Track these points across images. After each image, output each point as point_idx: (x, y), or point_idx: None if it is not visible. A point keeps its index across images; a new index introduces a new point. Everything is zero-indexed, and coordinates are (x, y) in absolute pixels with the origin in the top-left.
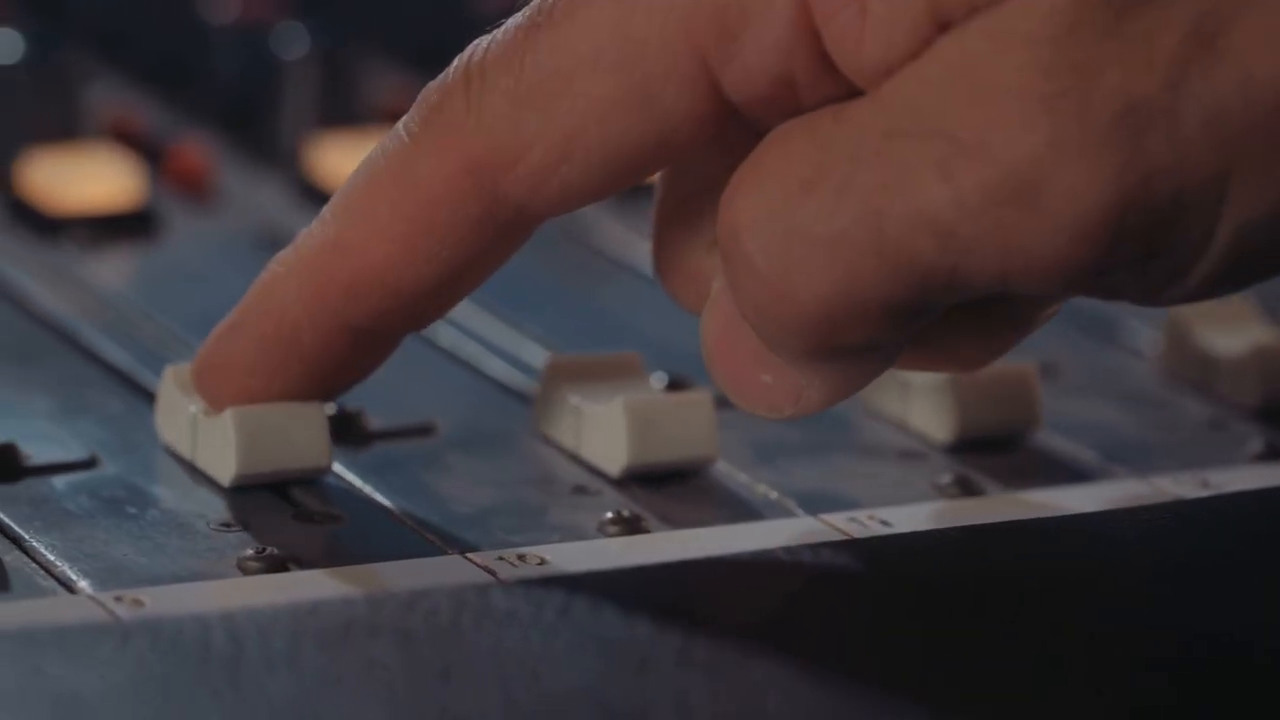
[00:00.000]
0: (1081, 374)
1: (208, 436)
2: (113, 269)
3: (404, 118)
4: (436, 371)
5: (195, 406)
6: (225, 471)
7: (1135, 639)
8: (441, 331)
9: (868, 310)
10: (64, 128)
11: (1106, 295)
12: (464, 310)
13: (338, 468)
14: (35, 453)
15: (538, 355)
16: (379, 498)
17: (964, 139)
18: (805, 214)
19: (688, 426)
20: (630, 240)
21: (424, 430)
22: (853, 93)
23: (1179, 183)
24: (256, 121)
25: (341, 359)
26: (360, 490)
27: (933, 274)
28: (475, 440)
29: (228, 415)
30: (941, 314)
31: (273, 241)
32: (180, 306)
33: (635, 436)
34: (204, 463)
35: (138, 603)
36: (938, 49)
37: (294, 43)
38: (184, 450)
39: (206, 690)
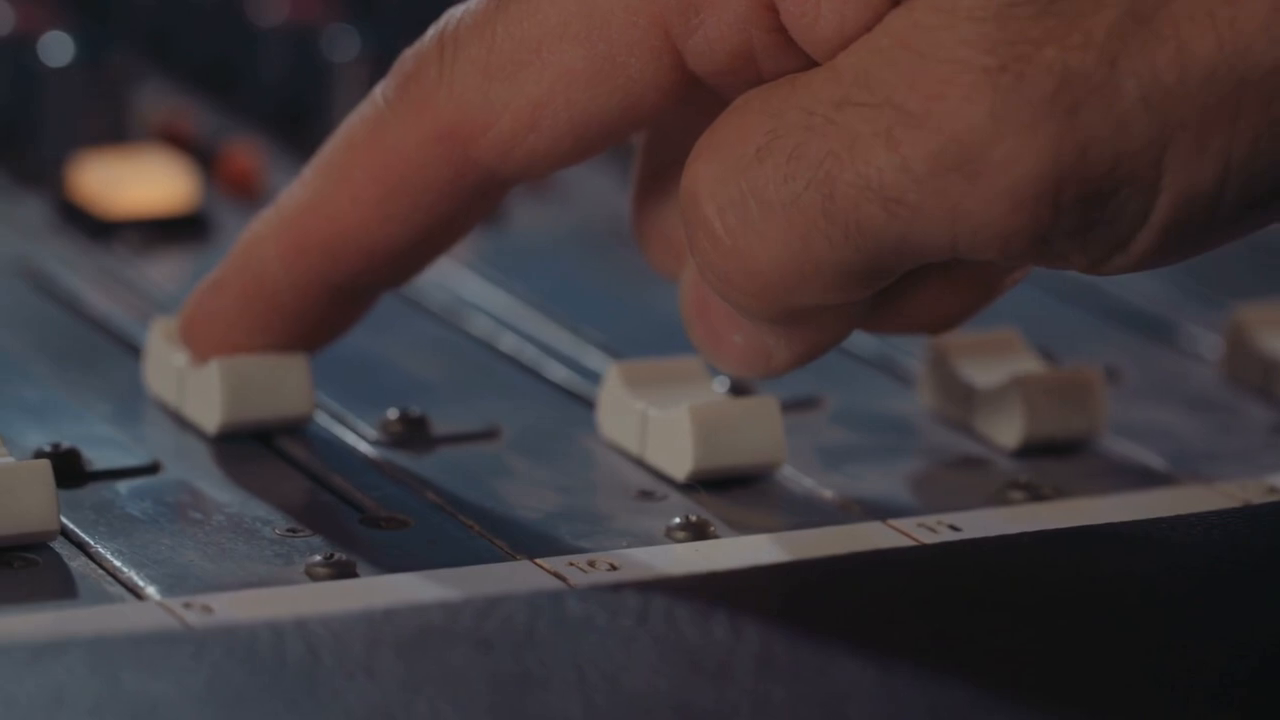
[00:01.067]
0: (1143, 379)
1: (194, 387)
2: (166, 272)
3: (380, 83)
4: (499, 377)
5: (182, 358)
6: (211, 420)
7: (1206, 645)
8: (503, 337)
9: (820, 273)
10: (114, 130)
11: (1051, 264)
12: (523, 315)
13: (402, 472)
14: (97, 458)
15: (596, 360)
16: (445, 503)
17: (910, 109)
18: (759, 180)
19: (754, 431)
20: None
21: (488, 435)
22: (810, 64)
23: (1116, 154)
24: (306, 123)
25: (320, 315)
26: (426, 495)
27: (882, 239)
28: (539, 445)
29: (213, 366)
30: (903, 278)
31: None
32: None
33: (702, 441)
34: (191, 412)
35: (207, 609)
36: (888, 21)
37: (343, 45)
38: (171, 400)
39: (284, 699)
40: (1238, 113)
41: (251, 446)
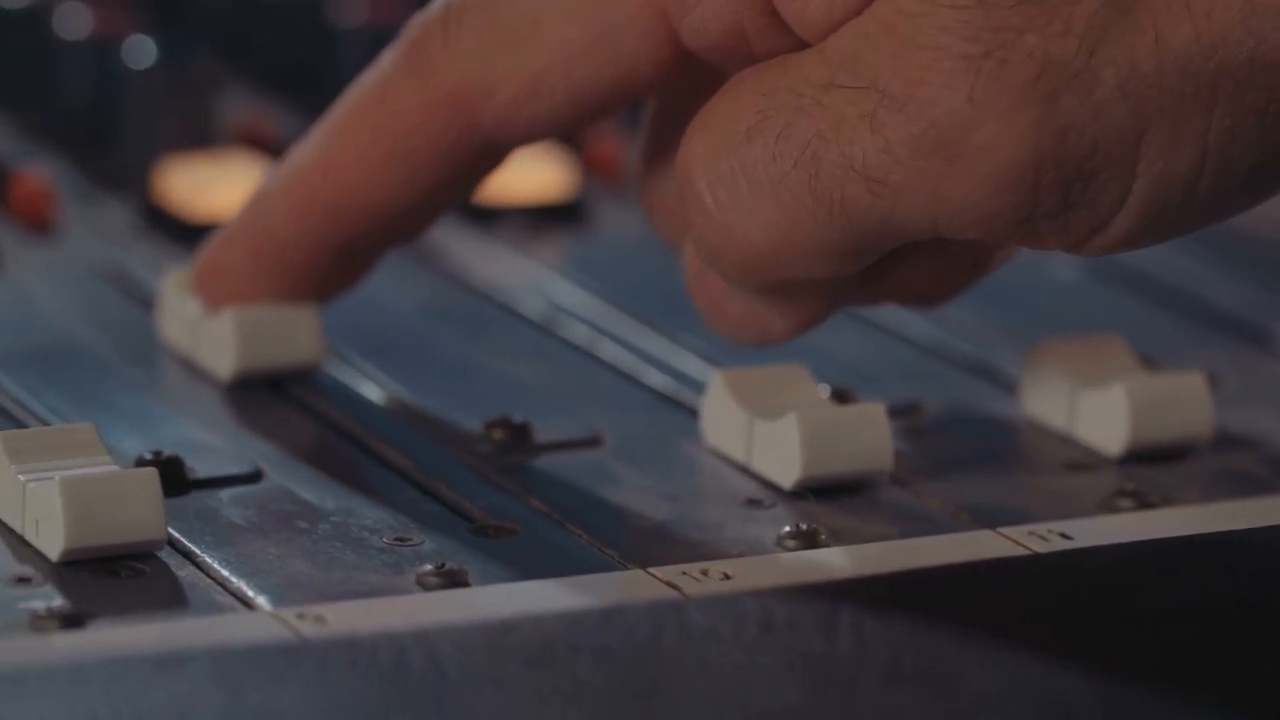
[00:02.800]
0: (1241, 384)
1: (208, 336)
2: None
3: (388, 49)
4: (596, 383)
5: (195, 308)
6: (224, 368)
7: None
8: (599, 343)
9: (807, 249)
10: (197, 134)
11: (1032, 244)
12: (617, 321)
13: (507, 480)
14: (199, 466)
15: (694, 366)
16: (552, 511)
17: (893, 92)
18: (749, 158)
19: (862, 438)
20: None
21: (591, 442)
22: (801, 45)
23: (1094, 140)
24: None
25: (326, 271)
26: (532, 503)
27: (867, 219)
28: (642, 453)
29: (226, 315)
30: (894, 252)
31: (414, 249)
32: (327, 311)
33: (809, 449)
34: (204, 359)
35: (320, 619)
36: (875, 7)
37: None
38: (184, 349)
39: (411, 712)
40: (1214, 101)
41: (354, 453)
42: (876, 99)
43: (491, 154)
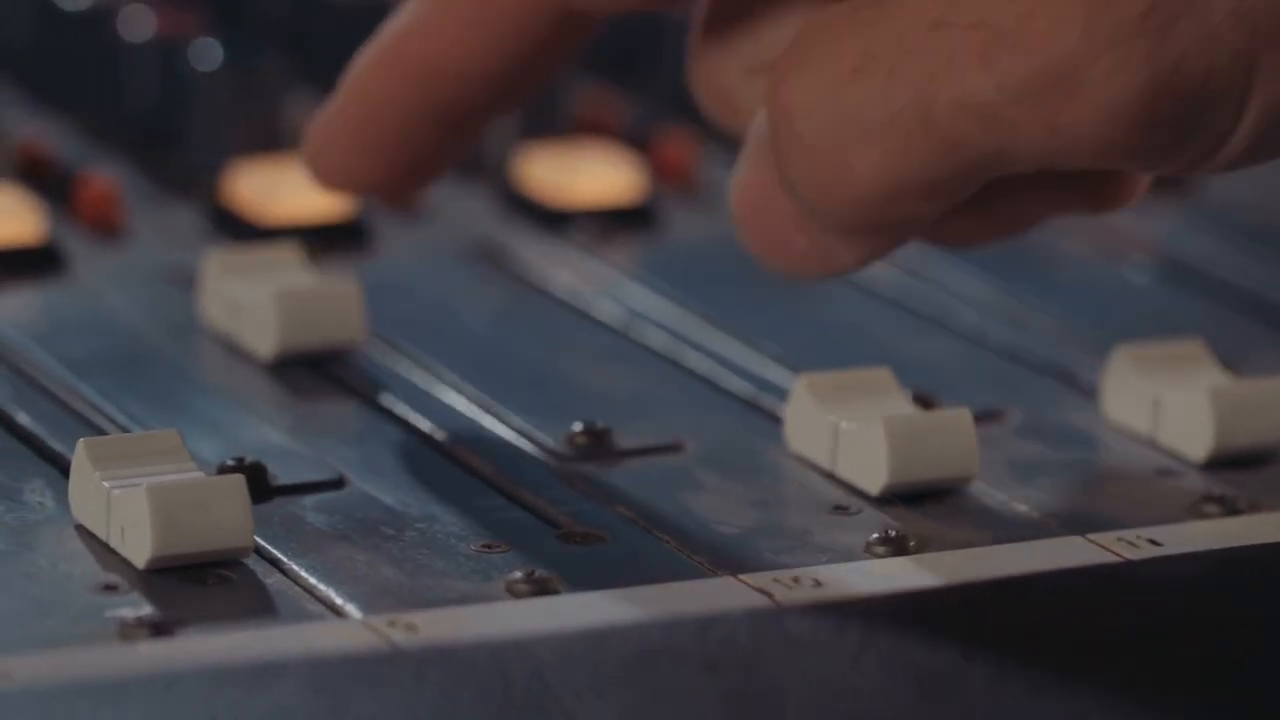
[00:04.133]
0: None
1: (249, 316)
2: None
3: None
4: (675, 388)
5: (236, 289)
6: (267, 346)
7: None
8: (676, 348)
9: (916, 189)
10: (265, 137)
11: (1144, 170)
12: (691, 325)
13: (591, 486)
14: (281, 472)
15: (773, 370)
16: (638, 517)
17: (1005, 29)
18: (855, 99)
19: (949, 444)
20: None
21: (673, 448)
22: None
23: (1208, 68)
24: None
25: (430, 142)
26: (617, 509)
27: (981, 155)
28: (725, 458)
29: (268, 295)
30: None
31: (485, 253)
32: (403, 317)
33: (897, 455)
34: (246, 339)
35: (411, 627)
36: None
37: None
38: (225, 329)
39: None
40: None
41: (435, 459)
42: (987, 36)
43: (580, 25)
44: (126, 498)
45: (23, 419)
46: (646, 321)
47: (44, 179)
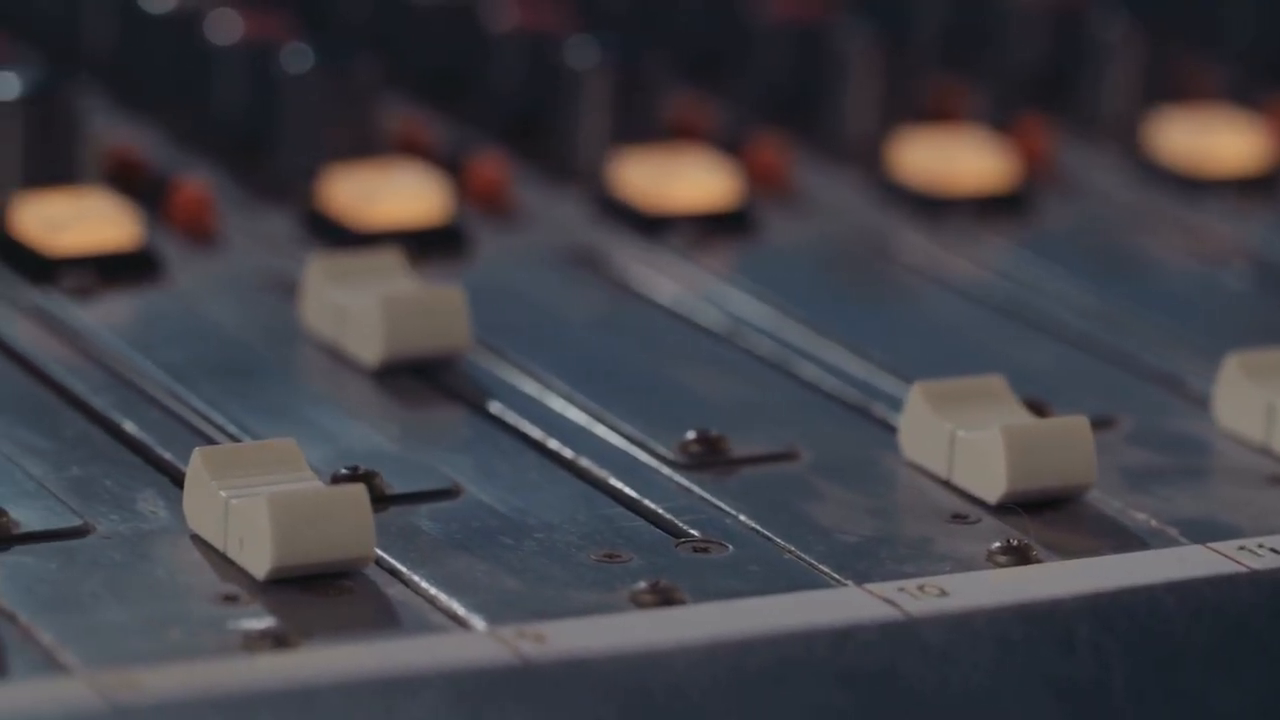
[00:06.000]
0: None
1: (354, 322)
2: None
3: None
4: (785, 396)
5: (340, 295)
6: (372, 353)
7: None
8: (783, 355)
9: None
10: (358, 141)
11: None
12: (798, 332)
13: (706, 493)
14: (395, 481)
15: (879, 377)
16: (758, 526)
17: None
18: None
19: (1066, 452)
20: (936, 255)
21: (788, 456)
22: None
23: None
24: (544, 135)
25: None
26: (738, 518)
27: None
28: (840, 466)
29: (374, 300)
30: None
31: (582, 258)
32: (504, 323)
33: (1016, 463)
34: (350, 346)
35: (539, 638)
36: None
37: (583, 55)
38: (328, 336)
39: None
40: None
41: (550, 469)
42: None
43: None
44: (245, 508)
45: (130, 427)
46: (749, 327)
47: (135, 184)
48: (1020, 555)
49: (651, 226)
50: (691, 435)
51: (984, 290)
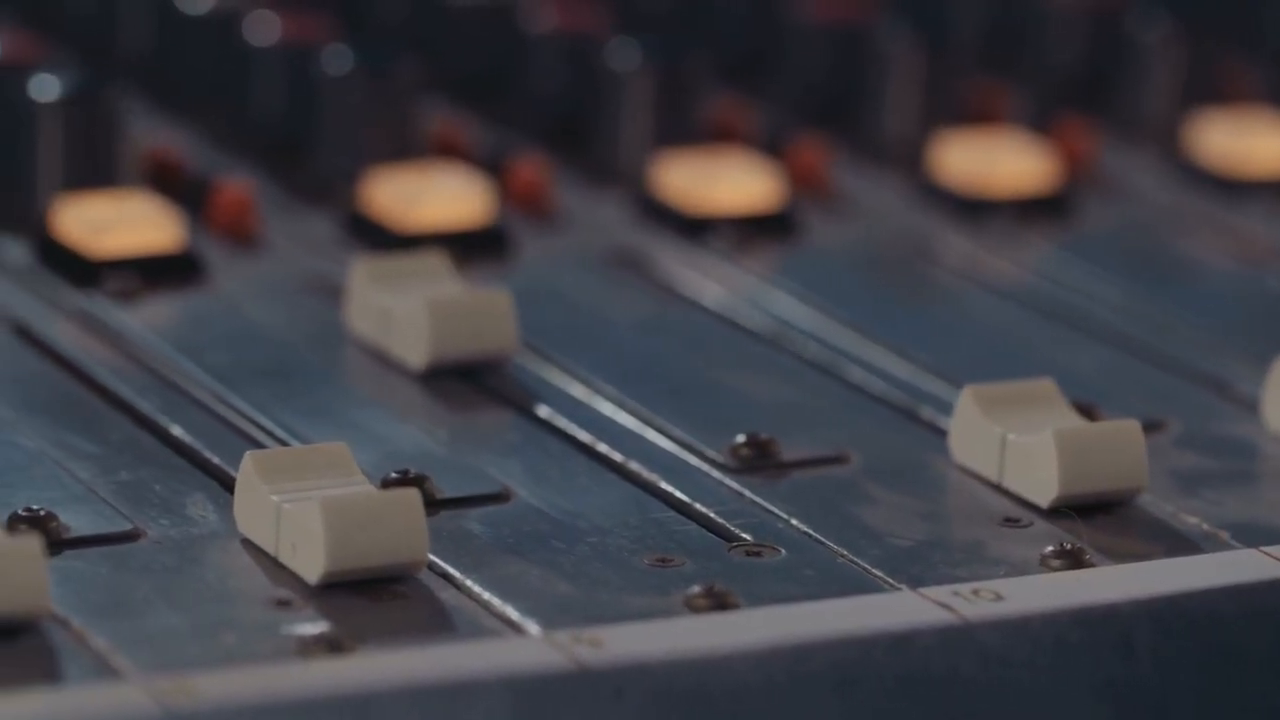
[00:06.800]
0: None
1: (400, 324)
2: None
3: None
4: (832, 399)
5: (385, 298)
6: (418, 357)
7: None
8: (830, 358)
9: None
10: (400, 143)
11: None
12: (843, 335)
13: (758, 497)
14: (446, 485)
15: (925, 380)
16: (810, 529)
17: None
18: None
19: (1119, 456)
20: (978, 257)
21: (838, 459)
22: None
23: None
24: (584, 137)
25: None
26: (790, 522)
27: None
28: (890, 470)
29: (420, 303)
30: None
31: (624, 260)
32: (548, 326)
33: (1068, 467)
34: (396, 349)
35: (596, 643)
36: None
37: (625, 56)
38: (373, 339)
39: None
40: None
41: (600, 472)
42: None
43: None
44: (298, 512)
45: (177, 431)
46: (793, 329)
47: (175, 186)
48: (1074, 559)
49: (693, 228)
50: (741, 438)
51: (1027, 292)
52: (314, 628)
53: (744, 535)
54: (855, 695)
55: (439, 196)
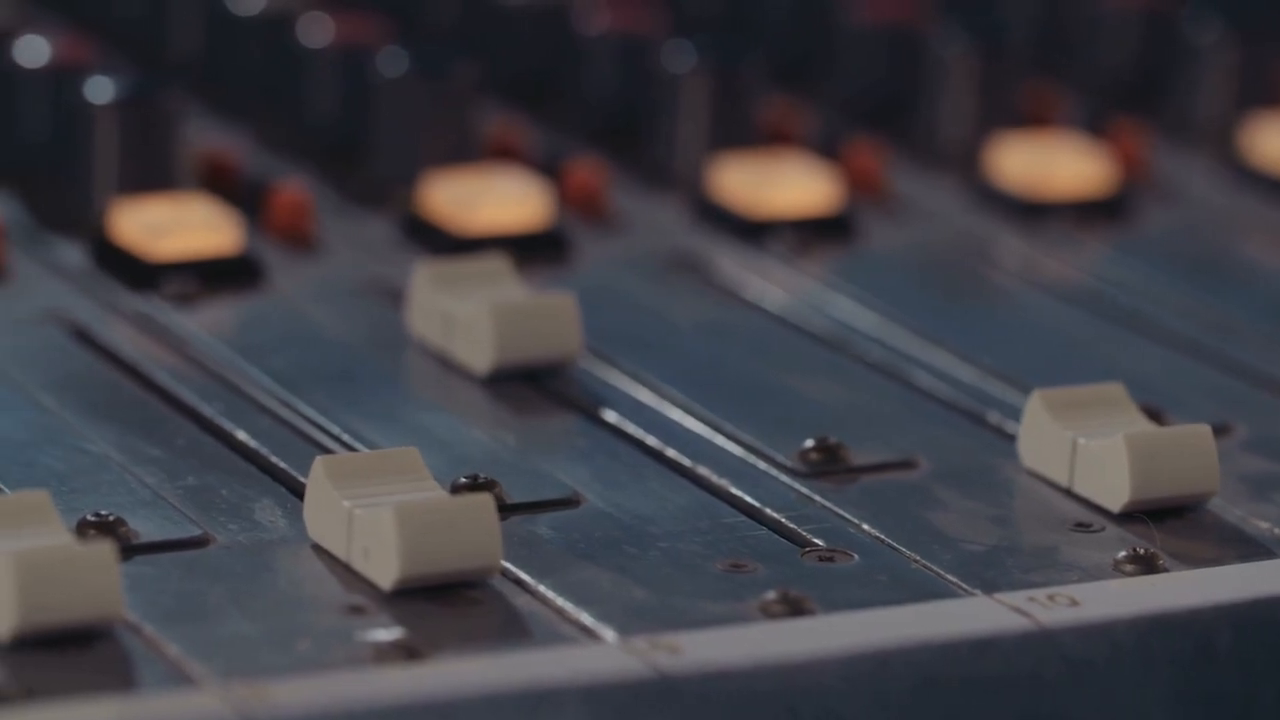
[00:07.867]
0: None
1: (463, 330)
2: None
3: None
4: (898, 403)
5: (448, 302)
6: (482, 361)
7: None
8: (894, 362)
9: None
10: (457, 146)
11: None
12: (906, 338)
13: (828, 502)
14: (515, 490)
15: (991, 384)
16: (883, 535)
17: None
18: None
19: (1190, 460)
20: (1036, 260)
21: (907, 464)
22: None
23: None
24: (640, 139)
25: None
26: (861, 527)
27: None
28: (959, 475)
29: (484, 308)
30: None
31: (683, 264)
32: (611, 329)
33: (1139, 471)
34: (459, 353)
35: (674, 649)
36: None
37: (680, 58)
38: (436, 343)
39: None
40: None
41: (669, 477)
42: None
43: None
44: (371, 518)
45: (242, 436)
46: (856, 333)
47: (231, 189)
48: (1147, 564)
49: (751, 232)
50: (810, 443)
51: (1087, 295)
52: (389, 634)
53: (816, 540)
54: (936, 701)
55: (497, 199)
